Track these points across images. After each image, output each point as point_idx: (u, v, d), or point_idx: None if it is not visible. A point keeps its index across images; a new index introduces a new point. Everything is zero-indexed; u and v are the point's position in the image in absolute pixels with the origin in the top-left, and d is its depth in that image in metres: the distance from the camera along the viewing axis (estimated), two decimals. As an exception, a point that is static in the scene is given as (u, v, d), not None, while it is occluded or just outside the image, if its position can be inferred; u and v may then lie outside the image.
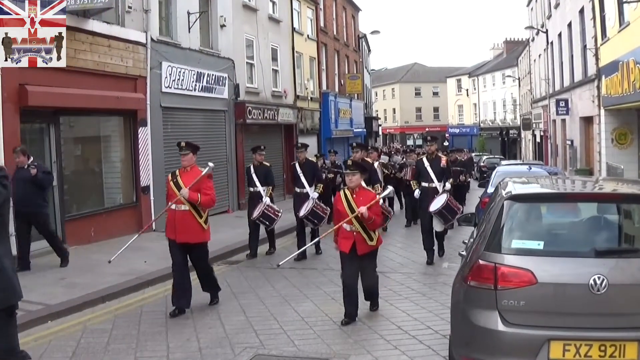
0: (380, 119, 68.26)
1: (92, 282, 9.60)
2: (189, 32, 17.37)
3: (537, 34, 35.98)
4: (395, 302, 8.66)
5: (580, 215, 5.58)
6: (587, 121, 24.34)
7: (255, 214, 11.92)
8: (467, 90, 70.82)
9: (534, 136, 43.23)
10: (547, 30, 32.04)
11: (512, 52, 59.31)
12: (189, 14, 17.30)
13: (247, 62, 21.63)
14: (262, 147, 12.81)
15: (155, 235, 14.52)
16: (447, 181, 11.53)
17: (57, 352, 6.79)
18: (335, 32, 35.06)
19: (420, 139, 70.15)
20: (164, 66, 15.94)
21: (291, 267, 11.30)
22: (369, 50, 50.56)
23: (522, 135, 50.23)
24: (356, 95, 38.33)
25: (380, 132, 60.88)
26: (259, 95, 22.29)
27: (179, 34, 16.96)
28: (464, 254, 5.95)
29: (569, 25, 26.01)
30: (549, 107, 32.39)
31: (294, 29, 26.52)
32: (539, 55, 36.59)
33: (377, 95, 77.80)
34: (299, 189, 12.44)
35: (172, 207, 8.19)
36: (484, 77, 66.56)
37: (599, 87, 20.78)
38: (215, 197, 8.35)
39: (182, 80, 16.85)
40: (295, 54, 26.59)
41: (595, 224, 5.36)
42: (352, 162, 8.02)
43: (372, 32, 38.85)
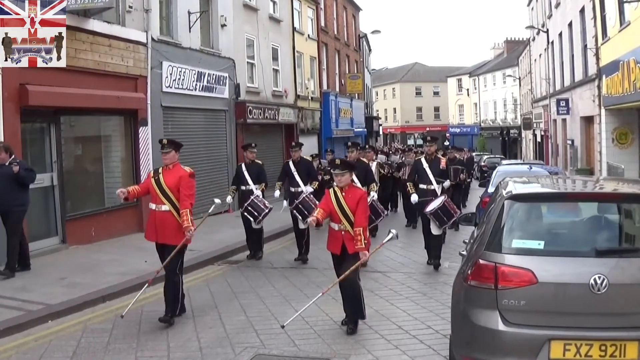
0: (380, 118, 68.27)
1: (93, 281, 9.60)
2: (190, 31, 17.37)
3: (538, 33, 35.96)
4: (395, 302, 8.67)
5: (580, 215, 5.58)
6: (588, 121, 24.33)
7: (244, 205, 11.78)
8: (467, 89, 70.81)
9: (535, 136, 43.22)
10: (547, 29, 32.02)
11: (513, 52, 59.29)
12: (189, 13, 17.30)
13: (247, 62, 21.63)
14: (253, 144, 12.57)
15: (155, 234, 14.52)
16: (445, 181, 11.26)
17: (57, 351, 6.79)
18: (335, 32, 35.06)
19: (420, 138, 70.09)
20: (165, 66, 15.94)
21: (291, 266, 11.31)
22: (370, 49, 50.55)
23: (523, 134, 50.22)
24: (357, 94, 38.33)
25: (380, 132, 60.89)
26: (259, 94, 22.29)
27: (180, 34, 16.96)
28: (465, 253, 5.95)
29: (570, 24, 26.00)
30: (549, 107, 32.38)
31: (294, 29, 26.52)
32: (540, 54, 36.58)
33: (377, 94, 77.80)
34: (293, 188, 12.23)
35: (152, 207, 7.94)
36: (484, 76, 66.54)
37: (599, 87, 20.77)
38: (194, 197, 8.02)
39: (183, 79, 16.85)
40: (295, 54, 26.59)
41: (595, 223, 5.36)
42: (340, 162, 7.69)
43: (373, 32, 38.83)
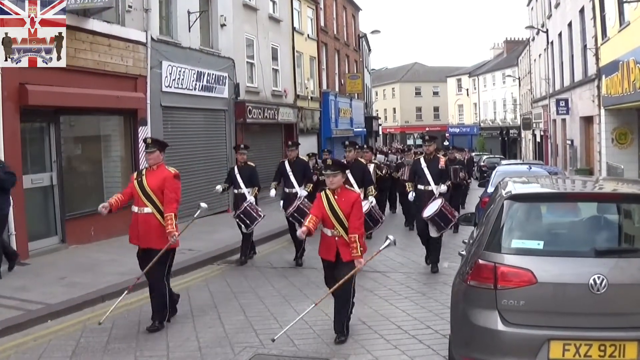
0: (380, 118, 68.27)
1: (92, 281, 9.60)
2: (189, 31, 17.36)
3: (538, 33, 35.97)
4: (395, 302, 8.67)
5: (580, 215, 5.59)
6: (587, 121, 24.34)
7: (237, 212, 11.51)
8: (467, 89, 70.82)
9: (534, 136, 43.23)
10: (547, 29, 32.03)
11: (513, 52, 59.30)
12: (189, 13, 17.30)
13: (247, 62, 21.63)
14: (242, 145, 12.22)
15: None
16: (444, 183, 10.89)
17: (56, 351, 6.79)
18: (335, 32, 35.07)
19: (420, 138, 70.07)
20: (164, 65, 15.94)
21: (290, 266, 11.31)
22: (369, 49, 50.55)
23: (522, 135, 50.23)
24: (356, 94, 38.33)
25: (380, 132, 60.89)
26: (259, 94, 22.29)
27: (179, 33, 16.96)
28: (464, 253, 5.95)
29: (569, 24, 26.01)
30: (549, 107, 32.39)
31: (294, 29, 26.52)
32: (539, 54, 36.59)
33: (377, 94, 77.79)
34: (288, 189, 12.01)
35: (135, 209, 7.58)
36: (484, 76, 66.56)
37: (599, 87, 20.78)
38: (179, 199, 7.66)
39: (182, 79, 16.85)
40: (295, 54, 26.59)
41: (595, 223, 5.36)
42: (332, 162, 7.16)
43: (373, 32, 38.84)
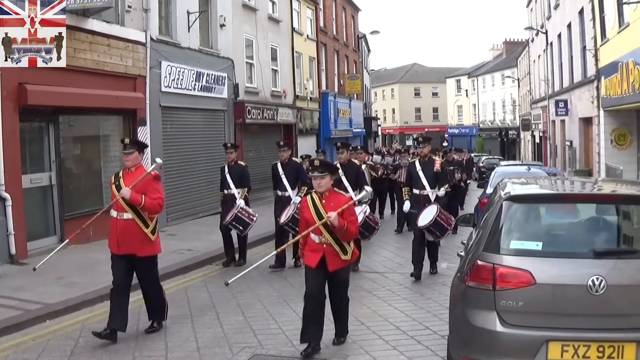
0: (379, 119, 68.20)
1: (91, 281, 9.59)
2: (189, 31, 17.36)
3: (537, 34, 36.00)
4: (393, 303, 8.67)
5: (579, 216, 5.59)
6: (587, 122, 24.35)
7: (227, 218, 10.96)
8: (466, 90, 70.84)
9: (533, 137, 43.25)
10: (546, 31, 32.06)
11: (512, 53, 59.32)
12: (188, 13, 17.30)
13: (246, 62, 21.63)
14: (229, 144, 11.68)
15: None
16: (441, 187, 10.40)
17: (55, 351, 6.78)
18: (334, 32, 35.08)
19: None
20: (164, 65, 15.93)
21: (289, 266, 11.29)
22: (369, 50, 50.56)
23: (522, 136, 50.26)
24: (355, 95, 38.35)
25: (379, 133, 60.90)
26: (258, 95, 22.29)
27: (179, 34, 16.95)
28: (463, 254, 5.95)
29: (569, 26, 26.03)
30: (548, 108, 32.41)
31: (293, 29, 26.52)
32: (539, 56, 36.61)
33: (376, 95, 77.79)
34: (280, 192, 11.47)
35: (114, 214, 7.10)
36: (483, 77, 66.56)
37: (598, 88, 20.80)
38: (163, 201, 7.23)
39: (182, 79, 16.84)
40: (294, 54, 26.59)
41: (594, 225, 5.36)
42: (319, 162, 6.60)
43: (372, 32, 38.90)
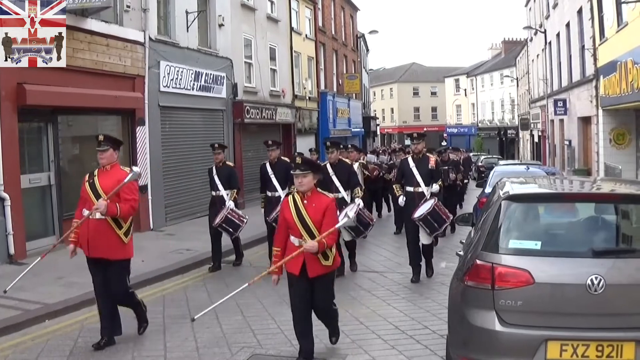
0: (378, 118, 68.29)
1: (90, 281, 9.50)
2: (187, 31, 17.35)
3: (536, 34, 36.01)
4: (392, 302, 8.67)
5: (577, 215, 5.59)
6: (585, 121, 24.37)
7: (217, 220, 10.64)
8: (465, 90, 70.86)
9: (532, 136, 43.28)
10: (545, 30, 32.07)
11: (510, 52, 59.37)
12: (187, 13, 17.29)
13: (245, 62, 21.62)
14: (216, 145, 11.30)
15: (153, 234, 14.54)
16: (435, 183, 9.98)
17: (54, 351, 6.78)
18: (333, 32, 35.07)
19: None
20: (162, 65, 15.92)
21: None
22: (367, 49, 50.57)
23: (520, 135, 50.28)
24: (354, 95, 38.35)
25: (378, 132, 60.91)
26: (257, 94, 22.28)
27: (177, 33, 16.94)
28: (462, 253, 5.96)
29: (567, 25, 26.05)
30: (547, 107, 32.43)
31: (292, 29, 26.51)
32: (537, 55, 36.63)
33: (375, 95, 77.81)
34: (270, 193, 11.11)
35: (85, 214, 6.81)
36: (482, 77, 66.59)
37: (597, 87, 20.81)
38: (136, 203, 6.91)
39: (180, 79, 16.84)
40: (293, 54, 26.58)
41: (592, 224, 5.37)
42: (301, 160, 6.25)
43: (371, 32, 38.87)
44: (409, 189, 10.09)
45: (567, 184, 7.22)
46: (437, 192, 9.96)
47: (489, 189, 12.75)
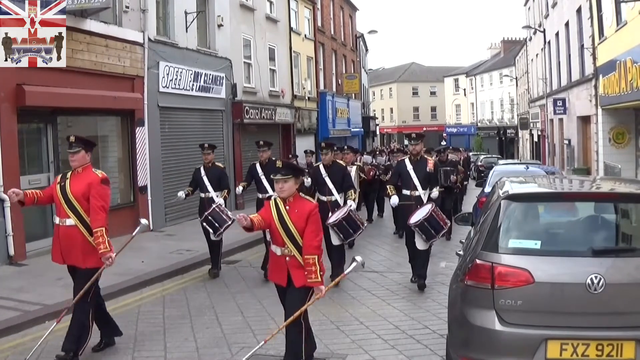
0: (377, 118, 68.31)
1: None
2: (187, 31, 17.35)
3: (535, 33, 36.02)
4: (392, 302, 8.67)
5: (577, 214, 5.59)
6: (585, 120, 24.38)
7: (205, 213, 10.36)
8: (464, 89, 70.89)
9: (532, 135, 43.29)
10: (544, 29, 32.07)
11: (510, 52, 59.39)
12: (186, 13, 17.29)
13: (244, 62, 21.62)
14: (206, 145, 10.95)
15: (153, 235, 14.53)
16: (434, 188, 9.60)
17: (54, 351, 6.75)
18: (332, 32, 35.08)
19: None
20: (162, 66, 15.92)
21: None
22: (367, 49, 50.57)
23: (520, 134, 50.29)
24: (354, 94, 38.35)
25: (377, 132, 60.90)
26: (256, 95, 22.28)
27: (177, 34, 16.94)
28: (462, 253, 5.96)
29: (567, 24, 26.05)
30: (546, 107, 32.42)
31: (291, 29, 26.51)
32: (537, 54, 36.64)
33: (374, 94, 77.82)
34: (261, 195, 10.84)
35: (56, 221, 6.54)
36: (481, 76, 66.61)
37: (596, 87, 20.82)
38: (107, 205, 6.48)
39: (180, 80, 16.83)
40: (292, 54, 26.58)
41: (592, 223, 5.36)
42: (282, 164, 5.89)
43: (370, 32, 38.86)
44: (406, 192, 9.66)
45: (566, 183, 7.22)
46: (435, 197, 9.56)
47: (488, 189, 12.75)
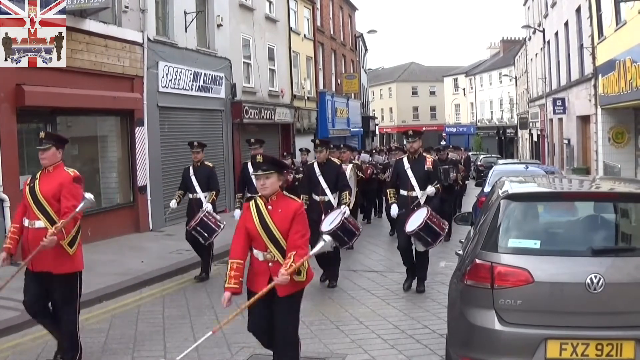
0: (377, 118, 68.30)
1: (89, 282, 9.50)
2: (186, 31, 17.35)
3: (534, 32, 36.03)
4: (392, 301, 8.67)
5: (577, 214, 5.59)
6: (584, 120, 24.38)
7: (192, 223, 9.91)
8: (464, 89, 70.88)
9: (531, 135, 43.28)
10: (543, 29, 32.08)
11: (509, 51, 59.39)
12: (185, 13, 17.29)
13: (244, 62, 21.62)
14: (195, 143, 10.46)
15: (152, 235, 14.54)
16: (431, 185, 9.00)
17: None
18: (332, 32, 35.08)
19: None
20: (161, 66, 15.92)
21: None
22: (366, 49, 50.57)
23: (519, 134, 50.30)
24: (353, 94, 38.35)
25: (377, 132, 60.90)
26: (255, 94, 22.28)
27: (176, 34, 16.94)
28: (461, 253, 5.96)
29: (566, 24, 26.05)
30: (545, 106, 32.43)
31: (290, 29, 26.51)
32: (536, 54, 36.64)
33: (374, 94, 77.82)
34: (251, 195, 10.62)
35: (25, 223, 6.13)
36: (480, 76, 66.62)
37: (595, 86, 20.82)
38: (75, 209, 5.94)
39: (179, 80, 16.84)
40: (292, 54, 26.59)
41: (592, 223, 5.36)
42: (263, 158, 5.29)
43: (369, 32, 38.85)
44: (403, 192, 9.17)
45: (566, 183, 7.22)
46: (432, 196, 9.01)
47: (488, 188, 12.74)
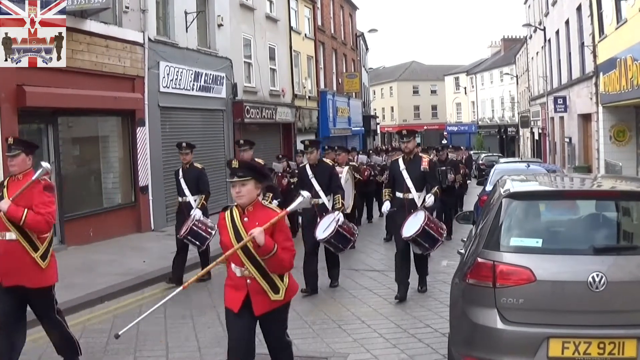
0: (378, 117, 68.26)
1: (91, 282, 9.59)
2: (187, 31, 17.36)
3: (535, 31, 35.98)
4: (394, 301, 8.65)
5: (578, 212, 5.58)
6: (586, 118, 24.36)
7: (182, 232, 9.55)
8: (465, 88, 70.85)
9: (532, 134, 43.26)
10: (544, 27, 32.05)
11: (510, 50, 59.34)
12: (186, 13, 17.29)
13: (244, 62, 21.63)
14: (184, 144, 10.02)
15: (154, 235, 14.54)
16: (430, 190, 8.53)
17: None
18: (332, 31, 35.07)
19: (419, 136, 69.40)
20: (162, 66, 15.92)
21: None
22: (367, 48, 50.57)
23: (521, 132, 50.26)
24: (354, 93, 38.35)
25: (378, 131, 60.90)
26: (256, 94, 22.29)
27: (177, 34, 16.95)
28: (463, 252, 5.95)
29: (567, 22, 26.03)
30: (547, 105, 32.41)
31: (291, 28, 26.51)
32: (537, 52, 36.61)
33: (375, 93, 77.80)
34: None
35: None
36: (481, 74, 66.60)
37: (596, 84, 20.80)
38: (53, 218, 5.66)
39: (180, 79, 16.84)
40: (292, 53, 26.59)
41: (593, 221, 5.35)
42: (239, 164, 4.78)
43: (370, 31, 38.89)
44: (398, 195, 8.75)
45: (567, 182, 7.20)
46: (431, 205, 8.54)
47: (489, 187, 12.73)
